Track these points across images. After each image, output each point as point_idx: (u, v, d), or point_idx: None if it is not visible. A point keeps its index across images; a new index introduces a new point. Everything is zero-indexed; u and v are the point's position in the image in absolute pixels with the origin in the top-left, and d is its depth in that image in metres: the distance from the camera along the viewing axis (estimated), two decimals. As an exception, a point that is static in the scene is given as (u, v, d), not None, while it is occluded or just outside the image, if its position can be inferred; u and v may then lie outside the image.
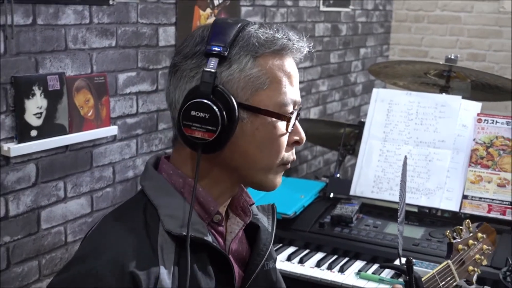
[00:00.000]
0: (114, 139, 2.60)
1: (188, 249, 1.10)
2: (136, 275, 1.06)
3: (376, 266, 2.15)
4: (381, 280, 2.05)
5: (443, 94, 2.79)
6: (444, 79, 3.00)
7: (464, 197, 2.32)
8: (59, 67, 2.30)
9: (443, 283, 1.45)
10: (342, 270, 2.12)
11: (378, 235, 2.27)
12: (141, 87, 2.69)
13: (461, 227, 1.56)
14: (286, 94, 1.16)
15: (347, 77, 4.67)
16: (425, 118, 2.46)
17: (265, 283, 1.33)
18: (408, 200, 2.29)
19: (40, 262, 2.36)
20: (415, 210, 2.45)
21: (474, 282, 1.55)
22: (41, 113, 2.23)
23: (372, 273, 2.10)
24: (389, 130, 2.49)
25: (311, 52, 1.21)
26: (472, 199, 2.31)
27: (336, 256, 2.22)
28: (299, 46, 1.17)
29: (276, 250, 2.24)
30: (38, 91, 2.21)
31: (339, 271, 2.12)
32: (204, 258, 1.17)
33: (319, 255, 2.23)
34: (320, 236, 2.30)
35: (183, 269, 1.12)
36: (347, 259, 2.21)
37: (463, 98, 2.48)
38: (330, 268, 2.14)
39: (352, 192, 2.46)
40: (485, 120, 2.38)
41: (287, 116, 1.16)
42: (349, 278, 2.08)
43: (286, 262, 2.18)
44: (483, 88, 3.07)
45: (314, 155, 4.37)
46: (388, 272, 2.11)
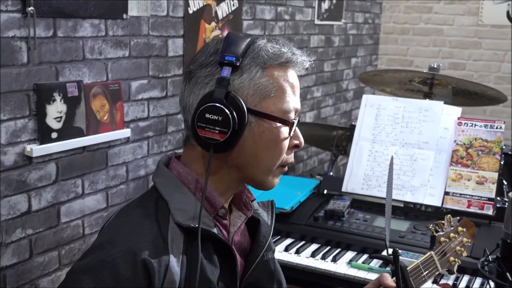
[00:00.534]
0: (127, 140, 2.60)
1: (199, 242, 1.12)
2: (148, 263, 1.07)
3: (365, 256, 2.15)
4: (370, 269, 2.05)
5: (427, 100, 2.79)
6: (428, 86, 3.00)
7: (446, 193, 2.32)
8: (77, 75, 2.30)
9: (426, 272, 1.45)
10: (334, 260, 2.12)
11: (367, 228, 2.27)
12: (152, 93, 2.69)
13: (443, 222, 1.56)
14: (290, 102, 1.18)
15: (339, 84, 4.67)
16: (410, 122, 2.46)
17: (264, 272, 1.34)
18: (395, 196, 2.30)
19: (60, 252, 2.36)
20: (401, 205, 2.45)
21: (455, 271, 1.55)
22: (61, 117, 2.23)
23: (362, 262, 2.10)
24: (377, 133, 2.49)
25: (312, 66, 1.25)
26: (453, 195, 2.31)
27: (329, 247, 2.22)
28: (301, 60, 1.20)
29: (274, 242, 2.24)
30: (58, 97, 2.21)
31: (332, 261, 2.12)
32: (210, 248, 1.18)
33: (314, 246, 2.23)
34: (314, 229, 2.30)
35: (190, 258, 1.13)
36: (339, 249, 2.21)
37: (445, 103, 2.49)
38: (324, 258, 2.14)
39: (344, 189, 2.46)
40: (465, 123, 2.38)
41: (291, 122, 1.19)
42: (341, 267, 2.08)
43: (283, 253, 2.18)
44: (463, 94, 3.08)
45: (309, 155, 4.38)
46: (376, 261, 2.11)
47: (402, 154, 2.42)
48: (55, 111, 2.20)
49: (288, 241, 2.28)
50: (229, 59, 1.14)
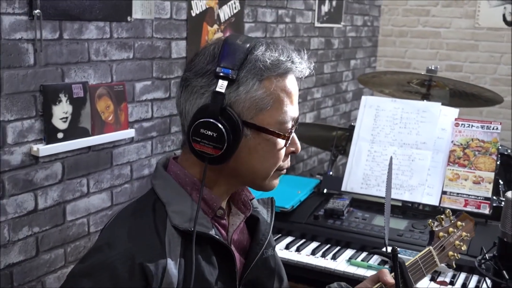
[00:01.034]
0: (131, 140, 2.60)
1: (194, 246, 1.10)
2: (145, 266, 1.06)
3: (365, 254, 2.15)
4: (369, 267, 2.05)
5: (425, 101, 2.79)
6: (425, 87, 3.00)
7: (443, 192, 2.32)
8: (83, 76, 2.30)
9: (425, 267, 1.44)
10: (334, 258, 2.12)
11: (366, 227, 2.27)
12: (155, 94, 2.69)
13: (442, 216, 1.54)
14: (287, 113, 1.15)
15: (338, 85, 4.67)
16: (408, 122, 2.45)
17: (264, 269, 1.33)
18: (393, 195, 2.30)
19: (66, 250, 2.36)
20: (400, 204, 2.45)
21: (454, 266, 1.54)
22: (66, 117, 2.23)
23: (361, 260, 2.10)
24: (376, 133, 2.49)
25: (313, 69, 1.20)
26: (450, 195, 2.31)
27: (329, 245, 2.22)
28: (301, 68, 1.17)
29: (275, 240, 2.24)
30: (64, 98, 2.21)
31: (331, 259, 2.12)
32: (208, 250, 1.17)
33: (314, 244, 2.23)
34: (315, 227, 2.30)
35: (188, 260, 1.12)
36: (339, 247, 2.21)
37: (442, 104, 2.48)
38: (324, 256, 2.14)
39: (343, 188, 2.46)
40: (462, 124, 2.38)
41: (287, 135, 1.16)
42: (340, 264, 2.08)
43: (284, 251, 2.18)
44: (460, 96, 3.07)
45: (309, 155, 4.37)
46: (375, 259, 2.11)
47: (400, 154, 2.41)
48: (61, 112, 2.20)
49: (289, 239, 2.28)
50: (225, 72, 1.10)
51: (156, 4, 2.61)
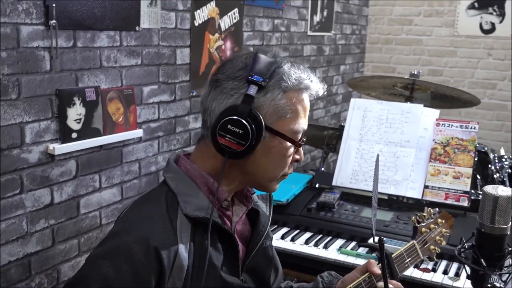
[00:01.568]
0: (140, 140, 2.59)
1: (209, 235, 1.13)
2: (159, 249, 1.08)
3: (354, 243, 2.15)
4: (358, 255, 2.05)
5: (408, 103, 2.79)
6: (409, 90, 3.00)
7: (426, 187, 2.31)
8: (95, 81, 2.30)
9: (409, 259, 1.45)
10: (326, 247, 2.12)
11: (355, 218, 2.26)
12: (162, 97, 2.69)
13: (424, 214, 1.56)
14: (301, 125, 1.19)
15: (329, 89, 4.67)
16: (393, 123, 2.45)
17: (263, 257, 1.34)
18: (380, 190, 2.29)
19: (79, 240, 2.36)
20: (386, 198, 2.45)
21: (435, 259, 1.55)
22: (80, 119, 2.22)
23: (351, 249, 2.10)
24: (364, 132, 2.48)
25: (325, 93, 1.26)
26: (432, 189, 2.31)
27: (321, 235, 2.22)
28: (317, 88, 1.22)
29: (272, 231, 2.23)
30: (78, 101, 2.20)
31: (323, 248, 2.12)
32: (215, 237, 1.18)
33: (307, 235, 2.23)
34: (308, 219, 2.30)
35: (197, 245, 1.14)
36: (330, 237, 2.20)
37: (425, 106, 2.48)
38: (316, 245, 2.14)
39: (334, 183, 2.45)
40: (442, 124, 2.38)
41: (299, 143, 1.20)
42: (332, 253, 2.08)
43: (280, 240, 2.18)
44: (441, 98, 3.07)
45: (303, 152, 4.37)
46: (364, 248, 2.10)
47: (386, 151, 2.41)
48: (75, 114, 2.20)
49: (284, 230, 2.28)
50: (257, 78, 1.13)
51: (162, 15, 2.61)
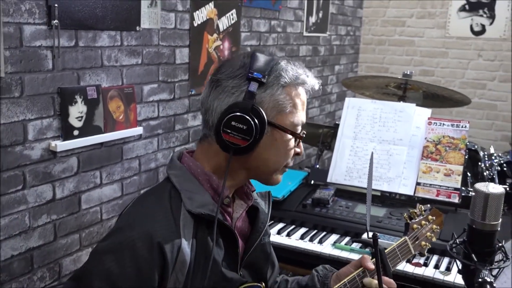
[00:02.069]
0: (140, 137, 2.58)
1: (215, 229, 1.13)
2: (162, 245, 1.07)
3: (348, 238, 2.14)
4: (352, 250, 2.04)
5: (401, 102, 2.78)
6: (402, 90, 2.99)
7: (418, 184, 2.31)
8: (96, 80, 2.28)
9: (401, 254, 1.45)
10: (321, 242, 2.12)
11: (349, 214, 2.26)
12: (161, 96, 2.67)
13: (415, 211, 1.55)
14: (300, 117, 1.20)
15: (324, 88, 4.66)
16: (386, 121, 2.45)
17: (261, 253, 1.35)
18: (373, 186, 2.29)
19: (81, 235, 2.35)
20: (379, 194, 2.44)
21: (426, 254, 1.55)
22: (82, 116, 2.21)
23: (345, 244, 2.09)
24: (358, 131, 2.48)
25: (320, 87, 1.26)
26: (424, 186, 2.30)
27: (316, 231, 2.21)
28: (313, 83, 1.22)
29: (268, 226, 2.22)
30: (79, 99, 2.19)
31: (318, 243, 2.11)
32: (217, 233, 1.17)
33: (303, 230, 2.22)
34: (303, 214, 2.29)
35: (200, 241, 1.13)
36: (324, 233, 2.20)
37: (417, 105, 2.47)
38: (311, 240, 2.13)
39: (329, 180, 2.45)
40: (434, 123, 2.37)
41: (300, 135, 1.20)
42: (326, 248, 2.07)
43: (276, 235, 2.17)
44: (433, 98, 3.07)
45: (298, 150, 4.36)
46: (357, 243, 2.10)
47: (379, 149, 2.41)
48: (77, 112, 2.19)
49: (280, 225, 2.27)
50: (257, 75, 1.14)
51: (162, 15, 2.59)
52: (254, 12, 3.41)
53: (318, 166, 2.78)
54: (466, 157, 2.33)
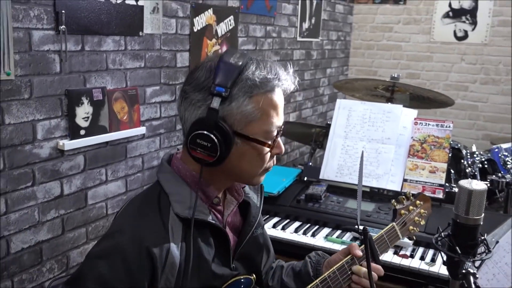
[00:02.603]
0: (143, 137, 2.58)
1: (192, 231, 1.09)
2: (151, 249, 1.06)
3: (339, 232, 2.15)
4: (343, 242, 2.05)
5: (389, 103, 2.79)
6: (389, 92, 3.00)
7: (404, 180, 2.31)
8: (102, 82, 2.28)
9: (389, 240, 1.43)
10: (313, 235, 2.12)
11: (340, 209, 2.26)
12: (163, 97, 2.67)
13: (403, 197, 1.53)
14: (273, 124, 1.13)
15: (317, 90, 4.66)
16: (375, 121, 2.45)
17: (254, 245, 1.33)
18: (363, 183, 2.28)
19: (87, 229, 2.34)
20: (368, 190, 2.45)
21: (414, 238, 1.53)
22: (88, 117, 2.21)
23: (336, 237, 2.10)
24: (349, 130, 2.48)
25: (296, 88, 1.17)
26: (410, 182, 2.31)
27: (309, 224, 2.22)
28: (286, 85, 1.14)
29: (264, 220, 2.23)
30: (85, 101, 2.19)
31: (311, 236, 2.12)
32: (207, 233, 1.16)
33: (297, 224, 2.23)
34: (297, 209, 2.30)
35: (188, 243, 1.11)
36: (317, 226, 2.20)
37: (404, 106, 2.48)
38: (305, 233, 2.13)
39: (321, 176, 2.45)
40: (420, 123, 2.38)
41: (271, 144, 1.14)
42: (319, 241, 2.08)
43: (272, 229, 2.17)
44: (418, 99, 3.08)
45: (292, 148, 4.37)
46: (348, 236, 2.11)
47: (369, 148, 2.41)
48: (83, 112, 2.18)
49: (276, 219, 2.27)
50: (219, 90, 1.06)
51: (164, 21, 2.59)
52: (251, 18, 3.41)
53: (311, 164, 2.78)
54: (450, 155, 2.34)
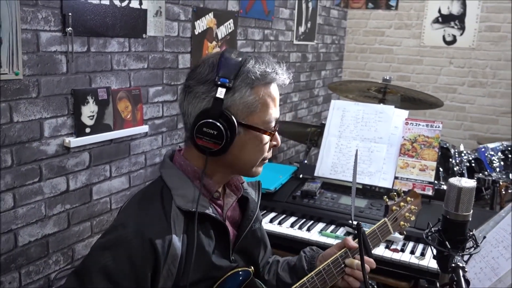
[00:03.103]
0: (146, 135, 2.57)
1: (196, 224, 1.10)
2: (153, 240, 1.05)
3: (333, 227, 2.14)
4: (337, 237, 2.04)
5: (381, 104, 2.78)
6: (381, 93, 3.00)
7: (396, 178, 2.31)
8: (107, 82, 2.27)
9: (381, 235, 1.43)
10: (309, 230, 2.11)
11: (334, 205, 2.25)
12: (165, 97, 2.66)
13: (395, 193, 1.53)
14: (272, 114, 1.15)
15: (312, 91, 4.65)
16: (368, 121, 2.44)
17: (252, 239, 1.33)
18: (356, 180, 2.28)
19: (92, 223, 2.33)
20: (361, 187, 2.44)
21: (405, 233, 1.53)
22: (93, 116, 2.19)
23: (331, 232, 2.09)
24: (342, 130, 2.47)
25: (291, 78, 1.20)
26: (401, 179, 2.30)
27: (304, 220, 2.21)
28: (283, 78, 1.16)
29: (262, 215, 2.22)
30: (91, 100, 2.17)
31: (306, 230, 2.11)
32: (207, 225, 1.16)
33: (293, 219, 2.22)
34: (293, 205, 2.29)
35: (190, 235, 1.11)
36: (312, 221, 2.19)
37: (395, 107, 2.47)
38: (300, 228, 2.13)
39: (316, 174, 2.44)
40: (410, 123, 2.37)
41: (272, 132, 1.16)
42: (314, 235, 2.07)
43: (269, 224, 2.16)
44: (409, 100, 3.07)
45: (288, 147, 4.36)
46: (342, 231, 2.10)
47: (362, 147, 2.40)
48: (89, 111, 2.17)
49: (272, 214, 2.26)
50: (223, 81, 1.09)
51: (166, 24, 2.57)
52: (249, 22, 3.40)
53: (306, 162, 2.78)
54: (439, 154, 2.34)
